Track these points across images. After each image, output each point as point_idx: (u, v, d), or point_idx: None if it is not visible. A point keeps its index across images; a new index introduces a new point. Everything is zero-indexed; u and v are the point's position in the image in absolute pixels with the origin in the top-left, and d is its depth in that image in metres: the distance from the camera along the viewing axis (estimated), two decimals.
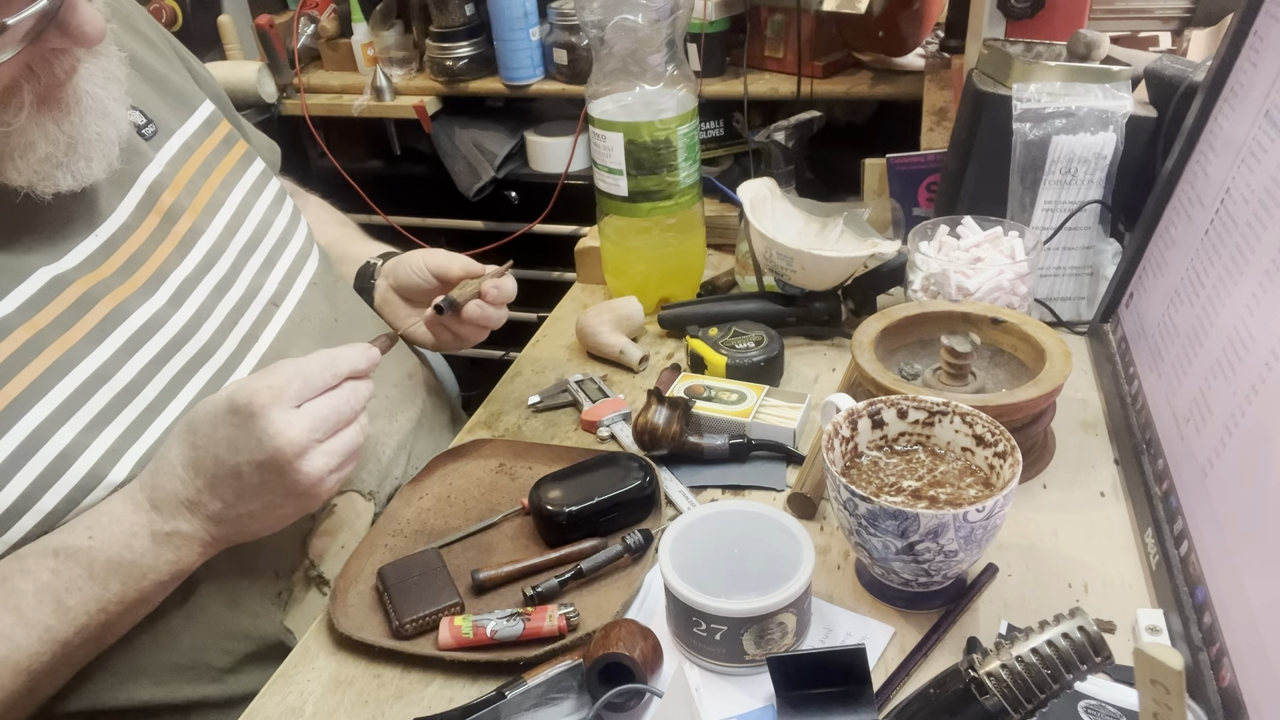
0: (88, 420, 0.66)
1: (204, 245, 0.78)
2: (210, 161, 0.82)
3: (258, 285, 0.81)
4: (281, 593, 0.76)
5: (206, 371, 0.74)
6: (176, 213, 0.77)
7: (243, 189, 0.84)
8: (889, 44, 1.48)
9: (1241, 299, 0.66)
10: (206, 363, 0.74)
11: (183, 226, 0.77)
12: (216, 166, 0.83)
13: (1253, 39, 0.78)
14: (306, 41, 1.88)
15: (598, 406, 0.93)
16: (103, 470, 0.66)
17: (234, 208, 0.82)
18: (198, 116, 0.84)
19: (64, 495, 0.64)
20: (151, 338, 0.71)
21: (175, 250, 0.76)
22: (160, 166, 0.77)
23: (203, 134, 0.83)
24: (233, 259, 0.80)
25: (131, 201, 0.74)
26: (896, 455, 0.71)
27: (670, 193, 1.03)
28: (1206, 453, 0.65)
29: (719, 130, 1.65)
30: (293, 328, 0.82)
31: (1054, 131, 0.94)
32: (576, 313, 1.10)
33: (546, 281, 1.86)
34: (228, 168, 0.84)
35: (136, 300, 0.71)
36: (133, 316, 0.71)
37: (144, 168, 0.76)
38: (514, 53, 1.68)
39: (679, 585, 0.63)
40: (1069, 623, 0.47)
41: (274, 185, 0.89)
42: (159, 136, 0.79)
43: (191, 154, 0.81)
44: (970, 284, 0.90)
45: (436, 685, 0.67)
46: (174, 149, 0.79)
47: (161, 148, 0.78)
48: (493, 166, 1.80)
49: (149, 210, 0.75)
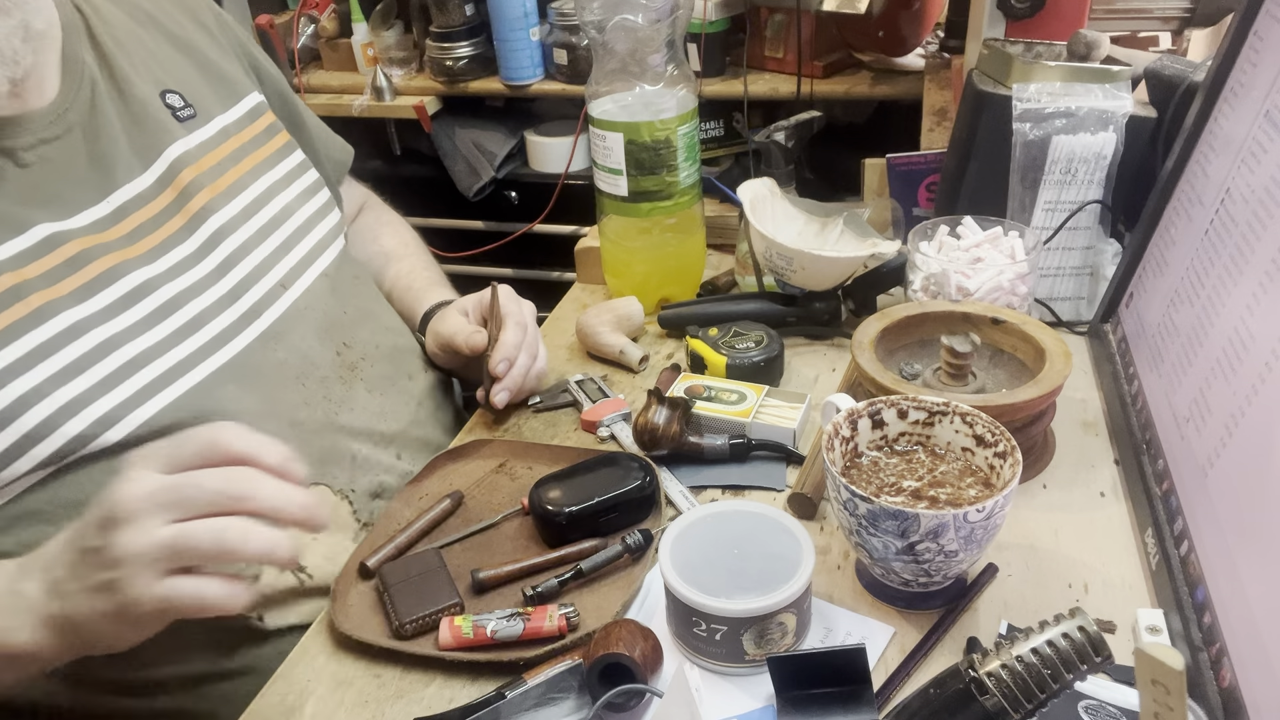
0: (55, 370, 0.67)
1: (215, 223, 0.80)
2: (245, 148, 0.87)
3: (268, 266, 0.83)
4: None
5: (198, 339, 0.75)
6: (194, 189, 0.80)
7: (273, 177, 0.88)
8: (889, 44, 1.48)
9: (1241, 299, 0.66)
10: (199, 331, 0.76)
11: (197, 203, 0.80)
12: (251, 153, 0.87)
13: (1253, 39, 0.78)
14: (306, 41, 1.88)
15: (598, 406, 0.93)
16: (59, 420, 0.66)
17: (258, 193, 0.85)
18: (243, 105, 0.89)
19: (14, 441, 0.65)
20: (141, 301, 0.73)
21: (186, 225, 0.78)
22: (188, 146, 0.81)
23: (244, 122, 0.88)
24: (244, 239, 0.82)
25: (152, 175, 0.78)
26: (896, 455, 0.71)
27: (670, 193, 1.03)
28: (1206, 453, 0.65)
29: (719, 130, 1.65)
30: (296, 312, 0.83)
31: (1054, 131, 0.94)
32: (576, 313, 1.10)
33: (546, 281, 1.87)
34: (262, 156, 0.88)
35: (134, 264, 0.74)
36: (126, 278, 0.73)
37: (170, 144, 0.80)
38: (514, 53, 1.68)
39: (679, 585, 0.63)
40: (1069, 623, 0.47)
41: (309, 178, 0.92)
42: (196, 119, 0.83)
43: (228, 138, 0.85)
44: (970, 284, 0.90)
45: (436, 685, 0.67)
46: (210, 132, 0.84)
47: (197, 130, 0.83)
48: (493, 166, 1.80)
49: (167, 185, 0.79)
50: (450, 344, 0.93)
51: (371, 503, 0.84)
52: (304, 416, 0.80)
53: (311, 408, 0.81)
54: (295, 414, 0.79)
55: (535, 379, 0.94)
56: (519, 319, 0.93)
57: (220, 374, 0.75)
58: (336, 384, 0.84)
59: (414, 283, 1.05)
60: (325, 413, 0.82)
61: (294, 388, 0.80)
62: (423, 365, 0.98)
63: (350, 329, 0.88)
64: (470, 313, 0.95)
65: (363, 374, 0.87)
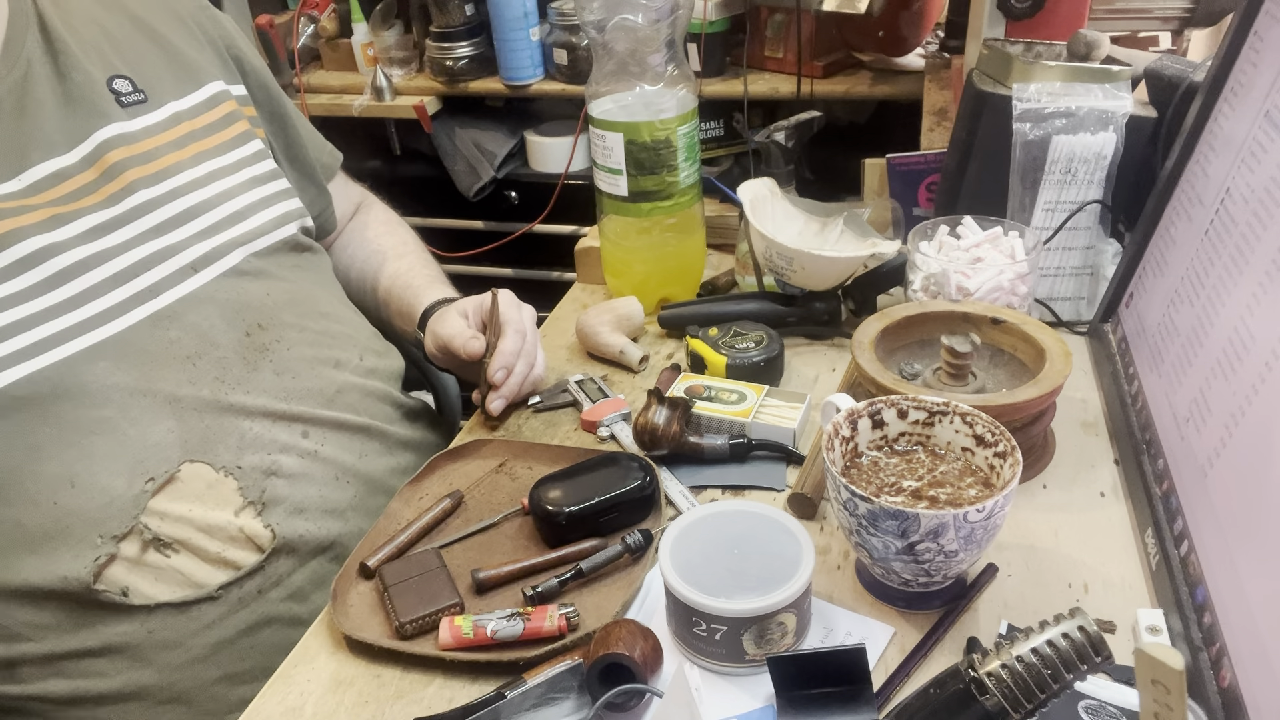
0: None
1: (135, 200, 0.82)
2: (196, 134, 0.88)
3: (181, 248, 0.83)
4: (100, 556, 0.74)
5: (82, 314, 0.76)
6: (120, 169, 0.82)
7: (217, 164, 0.89)
8: (889, 44, 1.48)
9: (1241, 299, 0.66)
10: (84, 305, 0.76)
11: (120, 182, 0.81)
12: (202, 139, 0.88)
13: (1253, 39, 0.78)
14: (306, 41, 1.88)
15: (598, 406, 0.93)
16: None
17: (194, 176, 0.86)
18: (202, 93, 0.90)
19: None
20: (32, 269, 0.74)
21: (103, 201, 0.80)
22: (125, 129, 0.83)
23: (201, 109, 0.90)
24: (162, 219, 0.83)
25: (78, 154, 0.80)
26: (896, 455, 0.71)
27: (670, 193, 1.03)
28: (1206, 453, 0.65)
29: (719, 130, 1.65)
30: (205, 294, 0.83)
31: (1054, 131, 0.94)
32: (576, 313, 1.10)
33: (546, 281, 1.87)
34: (213, 142, 0.89)
35: (31, 231, 0.75)
36: (18, 245, 0.74)
37: (102, 126, 0.82)
38: (514, 53, 1.68)
39: (679, 585, 0.63)
40: (1069, 623, 0.47)
41: (262, 167, 0.93)
42: (146, 104, 0.86)
43: (179, 123, 0.87)
44: (970, 284, 0.90)
45: (436, 685, 0.67)
46: (160, 116, 0.86)
47: (143, 115, 0.85)
48: (493, 166, 1.80)
49: (91, 164, 0.81)
50: (448, 347, 0.93)
51: (265, 480, 0.81)
52: (185, 394, 0.79)
53: (197, 386, 0.80)
54: (176, 391, 0.78)
55: (532, 385, 0.95)
56: (518, 326, 0.93)
57: (95, 350, 0.75)
58: (237, 364, 0.83)
59: (413, 280, 1.04)
60: (213, 391, 0.80)
61: (180, 367, 0.79)
62: (359, 353, 0.94)
63: (271, 312, 0.87)
64: (470, 315, 0.95)
65: (273, 356, 0.85)
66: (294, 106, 1.03)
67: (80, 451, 0.74)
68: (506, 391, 0.92)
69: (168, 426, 0.77)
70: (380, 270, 1.07)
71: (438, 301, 1.00)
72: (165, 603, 0.76)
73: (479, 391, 0.92)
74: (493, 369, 0.90)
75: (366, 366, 0.94)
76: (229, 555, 0.79)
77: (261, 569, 0.80)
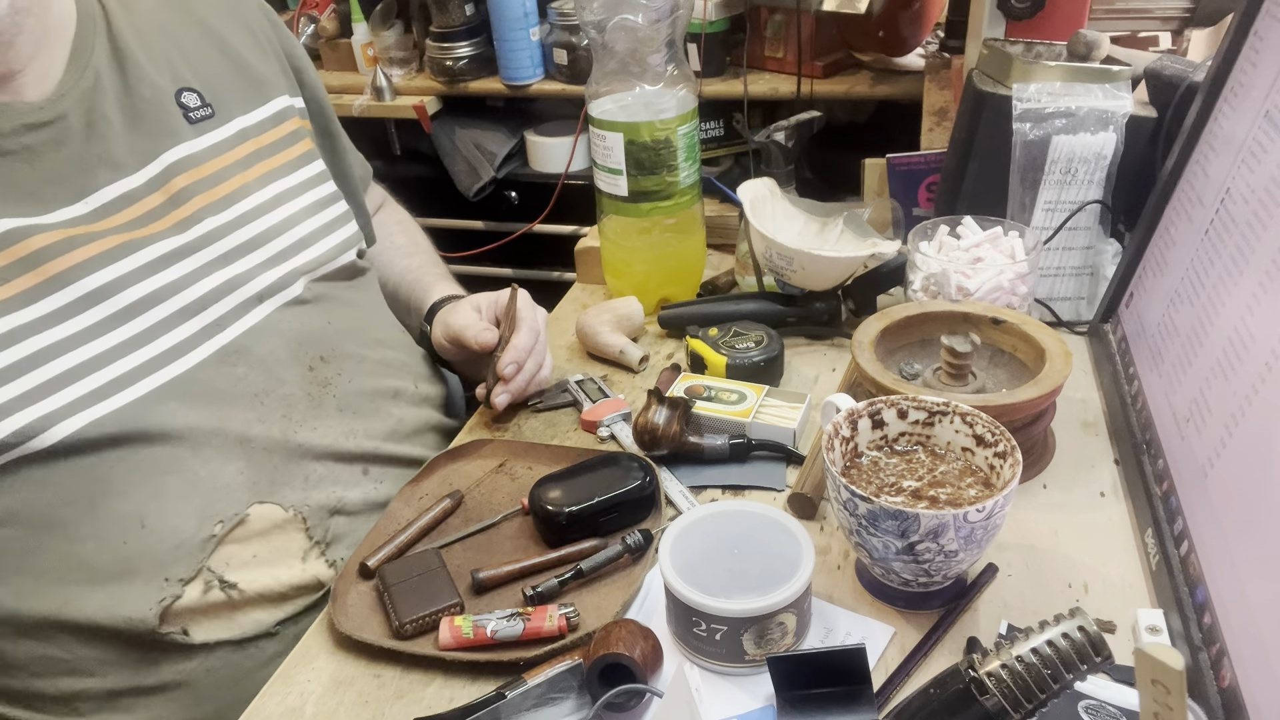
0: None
1: (201, 229, 0.79)
2: (263, 152, 0.85)
3: (248, 277, 0.80)
4: (165, 598, 0.72)
5: (150, 350, 0.73)
6: (187, 195, 0.78)
7: (283, 185, 0.86)
8: (889, 44, 1.48)
9: (1241, 299, 0.66)
10: (153, 342, 0.74)
11: (186, 210, 0.78)
12: (268, 158, 0.86)
13: (1253, 39, 0.78)
14: (306, 41, 1.88)
15: (598, 406, 0.93)
16: None
17: (261, 200, 0.83)
18: (269, 107, 0.87)
19: None
20: (99, 304, 0.71)
21: (171, 229, 0.77)
22: (192, 150, 0.80)
23: (267, 125, 0.87)
24: (229, 248, 0.80)
25: (144, 176, 0.77)
26: (896, 455, 0.71)
27: (670, 193, 1.03)
28: (1206, 453, 0.65)
29: (719, 130, 1.65)
30: (268, 327, 0.81)
31: (1054, 131, 0.94)
32: (576, 313, 1.10)
33: (546, 281, 1.87)
34: (280, 161, 0.87)
35: (99, 263, 0.72)
36: (87, 279, 0.71)
37: (170, 147, 0.79)
38: (514, 53, 1.68)
39: (679, 585, 0.63)
40: (1069, 623, 0.47)
41: (325, 189, 0.90)
42: (213, 119, 0.82)
43: (245, 140, 0.84)
44: (970, 284, 0.90)
45: (436, 685, 0.67)
46: (227, 133, 0.83)
47: (210, 131, 0.82)
48: (493, 166, 1.80)
49: (158, 188, 0.77)
50: (459, 338, 0.92)
51: (330, 519, 0.81)
52: (256, 434, 0.78)
53: (266, 425, 0.78)
54: (246, 431, 0.77)
55: (538, 387, 0.95)
56: (533, 324, 0.93)
57: (165, 390, 0.73)
58: (302, 401, 0.82)
59: (423, 276, 1.05)
60: (282, 431, 0.79)
61: (248, 405, 0.78)
62: (414, 380, 0.95)
63: (332, 342, 0.85)
64: (483, 310, 0.95)
65: (336, 390, 0.85)
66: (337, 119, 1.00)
67: (153, 491, 0.72)
68: (514, 388, 0.91)
69: (238, 467, 0.76)
70: (392, 265, 1.07)
71: (447, 297, 1.00)
72: (225, 640, 0.75)
73: (484, 385, 0.92)
74: (504, 362, 0.90)
75: (420, 394, 0.95)
76: (292, 595, 0.78)
77: (319, 606, 0.79)
